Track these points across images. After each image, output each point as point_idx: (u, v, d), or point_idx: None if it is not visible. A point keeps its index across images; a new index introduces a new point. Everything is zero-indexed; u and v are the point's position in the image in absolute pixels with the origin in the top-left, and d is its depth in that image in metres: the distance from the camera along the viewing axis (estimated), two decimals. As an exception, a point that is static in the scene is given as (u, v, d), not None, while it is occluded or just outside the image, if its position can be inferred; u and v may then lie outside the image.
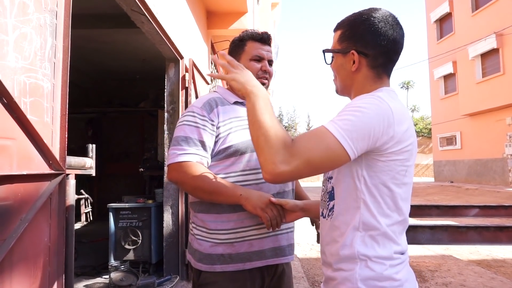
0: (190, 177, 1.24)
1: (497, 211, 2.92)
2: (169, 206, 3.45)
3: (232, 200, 1.25)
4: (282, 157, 0.87)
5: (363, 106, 0.89)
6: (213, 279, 1.29)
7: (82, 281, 3.45)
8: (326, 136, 0.87)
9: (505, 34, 13.60)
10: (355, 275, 0.92)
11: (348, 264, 0.94)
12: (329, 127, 0.87)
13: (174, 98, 3.49)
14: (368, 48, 0.98)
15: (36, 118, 1.22)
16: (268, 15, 11.06)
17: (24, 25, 1.19)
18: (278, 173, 0.87)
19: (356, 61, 0.99)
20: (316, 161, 0.87)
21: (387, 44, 0.98)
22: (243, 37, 1.45)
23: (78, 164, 2.05)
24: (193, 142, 1.28)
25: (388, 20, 0.98)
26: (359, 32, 0.98)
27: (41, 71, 1.26)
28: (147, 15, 2.55)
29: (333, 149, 0.86)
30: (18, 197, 1.15)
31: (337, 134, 0.86)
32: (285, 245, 1.36)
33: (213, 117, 1.32)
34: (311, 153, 0.86)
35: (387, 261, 0.92)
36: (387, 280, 0.91)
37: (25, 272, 1.17)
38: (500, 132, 14.55)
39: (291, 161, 0.86)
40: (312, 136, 0.89)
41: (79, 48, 4.98)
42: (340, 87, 1.07)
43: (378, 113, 0.89)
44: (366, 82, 1.01)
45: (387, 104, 0.91)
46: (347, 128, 0.86)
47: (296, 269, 3.99)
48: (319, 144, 0.87)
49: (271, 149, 0.88)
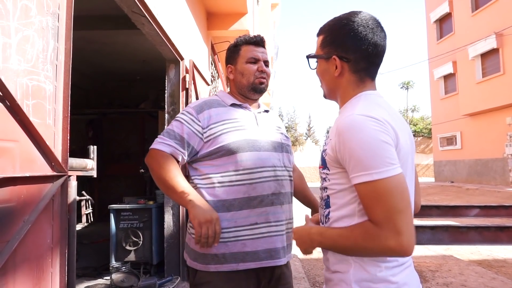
0: (158, 166, 1.34)
1: (497, 211, 2.92)
2: (170, 207, 3.46)
3: (181, 202, 1.30)
4: (386, 237, 0.84)
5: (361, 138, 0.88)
6: (208, 279, 1.31)
7: (84, 282, 3.45)
8: (382, 191, 0.85)
9: (505, 34, 13.60)
10: (350, 277, 0.92)
11: (343, 266, 0.94)
12: (376, 177, 0.84)
13: (174, 99, 3.50)
14: (349, 53, 0.98)
15: (38, 120, 1.23)
16: (268, 15, 11.07)
17: (26, 28, 1.20)
18: (401, 247, 0.83)
19: (338, 66, 0.99)
20: (407, 211, 0.84)
21: (367, 48, 0.97)
22: (237, 43, 1.51)
23: (79, 165, 2.05)
24: (174, 136, 1.36)
25: (368, 23, 0.98)
26: (339, 37, 0.99)
27: (43, 74, 1.27)
28: (147, 17, 2.56)
29: (400, 183, 0.85)
30: (21, 199, 1.16)
31: (385, 174, 0.84)
32: (279, 247, 1.36)
33: (200, 118, 1.38)
34: (401, 213, 0.84)
35: (382, 263, 0.91)
36: (382, 282, 0.90)
37: (28, 273, 1.18)
38: (500, 132, 14.55)
39: (398, 235, 0.83)
40: (379, 199, 0.86)
41: (80, 49, 4.97)
42: (327, 91, 1.08)
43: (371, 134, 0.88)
44: (349, 87, 1.01)
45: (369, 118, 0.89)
46: (385, 161, 0.85)
47: (296, 270, 3.99)
48: (389, 203, 0.84)
49: (369, 246, 0.86)
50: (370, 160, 0.85)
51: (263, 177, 1.36)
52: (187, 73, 3.53)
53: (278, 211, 1.37)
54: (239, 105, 1.48)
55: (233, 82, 1.51)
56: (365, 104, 0.95)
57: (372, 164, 0.84)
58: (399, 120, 0.98)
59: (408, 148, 0.96)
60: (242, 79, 1.47)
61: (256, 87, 1.47)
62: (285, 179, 1.43)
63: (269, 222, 1.34)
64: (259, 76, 1.46)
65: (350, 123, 0.89)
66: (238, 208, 1.32)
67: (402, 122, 1.00)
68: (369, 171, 0.84)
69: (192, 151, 1.38)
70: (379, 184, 0.84)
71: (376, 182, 0.84)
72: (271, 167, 1.38)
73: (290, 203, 1.47)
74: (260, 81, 1.46)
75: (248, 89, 1.47)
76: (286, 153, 1.49)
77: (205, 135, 1.37)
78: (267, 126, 1.49)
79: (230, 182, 1.33)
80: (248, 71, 1.46)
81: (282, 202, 1.39)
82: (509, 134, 14.16)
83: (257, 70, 1.46)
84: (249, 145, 1.36)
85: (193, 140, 1.37)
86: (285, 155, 1.49)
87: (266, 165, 1.37)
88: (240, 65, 1.47)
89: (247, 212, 1.33)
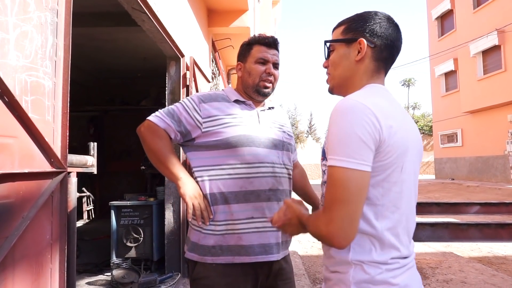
0: (151, 138, 1.37)
1: (498, 208, 2.92)
2: (171, 203, 3.46)
3: (172, 177, 1.37)
4: (321, 222, 0.87)
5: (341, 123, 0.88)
6: (206, 274, 1.32)
7: (84, 279, 3.47)
8: (337, 177, 0.85)
9: (507, 31, 13.54)
10: (349, 278, 0.91)
11: (343, 267, 0.93)
12: (339, 164, 0.85)
13: (175, 96, 3.49)
14: (375, 38, 0.99)
15: (37, 117, 1.23)
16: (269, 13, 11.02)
17: (25, 24, 1.19)
18: (329, 235, 0.86)
19: (362, 49, 0.98)
20: (349, 205, 0.84)
21: (392, 39, 1.00)
22: (251, 41, 1.51)
23: (79, 162, 2.05)
24: (172, 115, 1.40)
25: (391, 20, 1.02)
26: (367, 23, 1.00)
27: (42, 70, 1.26)
28: (148, 14, 2.55)
29: (357, 179, 0.84)
30: (20, 195, 1.16)
31: (346, 164, 0.84)
32: (273, 243, 1.36)
33: (202, 108, 1.41)
34: (342, 204, 0.84)
35: (383, 266, 0.90)
36: (382, 284, 0.89)
37: (27, 269, 1.18)
38: (501, 129, 14.51)
39: (329, 222, 0.85)
40: (330, 189, 0.87)
41: (81, 46, 4.98)
42: (338, 80, 1.04)
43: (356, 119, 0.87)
44: (365, 75, 1.00)
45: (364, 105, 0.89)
46: (352, 154, 0.85)
47: (297, 266, 4.00)
48: (338, 191, 0.85)
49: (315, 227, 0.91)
50: (337, 146, 0.86)
51: (261, 172, 1.37)
52: (187, 70, 3.53)
53: (275, 207, 1.37)
54: (243, 101, 1.48)
55: (241, 79, 1.52)
56: (366, 91, 0.96)
57: (337, 151, 0.86)
58: (402, 118, 0.95)
59: (406, 148, 0.92)
60: (248, 79, 1.47)
61: (260, 90, 1.47)
62: (284, 177, 1.44)
63: (265, 217, 1.35)
64: (264, 78, 1.46)
65: (340, 106, 0.90)
66: (235, 201, 1.34)
67: (406, 121, 0.97)
68: (336, 157, 0.86)
69: (187, 135, 1.40)
70: (337, 171, 0.85)
71: (333, 168, 0.86)
72: (270, 163, 1.39)
73: None
74: (264, 85, 1.46)
75: (253, 90, 1.47)
76: (286, 151, 1.49)
77: (204, 125, 1.38)
78: (269, 123, 1.49)
79: (228, 175, 1.35)
80: (255, 71, 1.46)
81: (279, 198, 1.40)
82: (510, 132, 14.12)
83: (264, 72, 1.46)
84: (248, 141, 1.37)
85: (189, 126, 1.39)
86: (285, 153, 1.49)
87: (265, 161, 1.38)
88: (249, 64, 1.48)
89: (243, 205, 1.34)
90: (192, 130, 1.39)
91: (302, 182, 1.68)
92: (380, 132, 0.86)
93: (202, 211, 1.32)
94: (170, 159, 1.36)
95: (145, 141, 1.39)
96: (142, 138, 1.40)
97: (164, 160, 1.36)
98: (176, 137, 1.41)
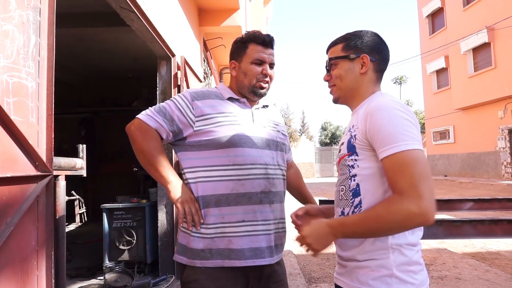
0: (141, 139, 1.32)
1: (491, 204, 2.93)
2: (163, 205, 3.42)
3: (161, 180, 1.32)
4: (408, 203, 0.92)
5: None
6: (195, 277, 1.29)
7: (77, 283, 3.41)
8: (410, 159, 0.95)
9: (496, 29, 13.68)
10: (390, 262, 1.00)
11: (381, 252, 1.01)
12: (404, 147, 0.95)
13: (166, 96, 3.45)
14: (374, 53, 1.15)
15: (20, 119, 1.19)
16: (261, 11, 10.98)
17: (5, 23, 1.15)
18: (422, 211, 0.91)
19: (366, 63, 1.14)
20: (430, 180, 0.94)
21: (386, 54, 1.18)
22: (246, 39, 1.44)
23: (68, 165, 2.01)
24: (164, 114, 1.35)
25: (379, 37, 1.19)
26: (364, 41, 1.16)
27: (24, 70, 1.22)
28: (136, 12, 2.51)
29: (423, 156, 0.95)
30: (3, 200, 1.12)
31: (411, 146, 0.96)
32: (264, 247, 1.32)
33: (194, 106, 1.36)
34: (424, 179, 0.93)
35: (414, 247, 1.03)
36: (415, 264, 1.02)
37: (12, 277, 1.14)
38: (492, 126, 14.66)
39: (419, 199, 0.91)
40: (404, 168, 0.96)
41: (70, 47, 4.91)
42: (345, 91, 1.18)
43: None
44: (370, 84, 1.16)
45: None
46: (411, 136, 0.97)
47: (292, 266, 3.98)
48: (416, 170, 0.93)
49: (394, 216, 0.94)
50: (397, 134, 0.96)
51: (253, 174, 1.33)
52: (178, 70, 3.49)
53: (266, 210, 1.34)
54: (237, 99, 1.44)
55: (235, 79, 1.47)
56: (390, 96, 1.11)
57: (399, 137, 0.96)
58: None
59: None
60: (244, 79, 1.43)
61: (256, 90, 1.43)
62: (277, 178, 1.40)
63: (256, 221, 1.32)
64: (261, 79, 1.42)
65: (382, 105, 1.03)
66: (226, 204, 1.30)
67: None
68: (396, 143, 0.95)
69: (179, 134, 1.36)
70: (405, 154, 0.94)
71: (402, 152, 0.94)
72: (263, 165, 1.35)
73: (282, 203, 1.44)
74: (261, 85, 1.42)
75: (249, 90, 1.43)
76: (280, 151, 1.46)
77: (196, 124, 1.34)
78: (264, 122, 1.45)
79: (219, 177, 1.31)
80: (251, 72, 1.41)
81: (271, 201, 1.36)
82: (501, 128, 14.28)
83: (261, 73, 1.42)
84: (241, 141, 1.33)
85: (182, 125, 1.34)
86: (279, 153, 1.45)
87: (257, 163, 1.34)
88: (244, 65, 1.42)
89: (234, 208, 1.30)
90: (184, 129, 1.35)
91: (297, 182, 1.65)
92: (417, 124, 1.02)
93: (193, 215, 1.29)
94: (160, 161, 1.32)
95: (135, 142, 1.34)
96: (132, 138, 1.35)
97: (154, 162, 1.31)
98: (168, 137, 1.36)
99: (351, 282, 1.06)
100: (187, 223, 1.30)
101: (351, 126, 1.12)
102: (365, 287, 1.02)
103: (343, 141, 1.14)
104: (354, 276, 1.06)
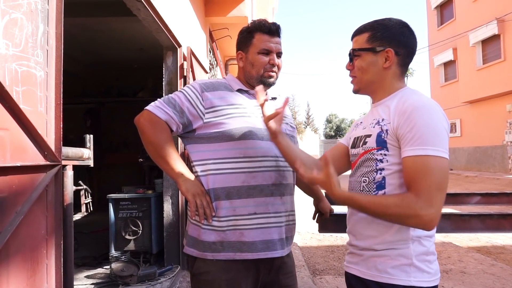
0: (151, 131, 1.30)
1: (499, 198, 2.89)
2: (169, 196, 3.44)
3: (171, 173, 1.31)
4: (420, 206, 0.96)
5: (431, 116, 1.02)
6: (206, 269, 1.29)
7: (83, 272, 3.45)
8: (437, 166, 0.97)
9: (507, 20, 13.43)
10: (411, 251, 1.04)
11: (402, 243, 1.05)
12: (432, 153, 0.97)
13: (172, 87, 3.43)
14: (400, 47, 1.12)
15: (29, 108, 1.18)
16: (267, 2, 10.87)
17: (14, 10, 1.14)
18: (428, 218, 0.96)
19: (390, 58, 1.11)
20: (445, 192, 0.98)
21: (413, 46, 1.14)
22: (251, 29, 1.42)
23: (75, 155, 2.01)
24: (174, 106, 1.32)
25: (409, 28, 1.14)
26: (392, 33, 1.12)
27: (33, 59, 1.21)
28: (143, 2, 2.48)
29: (447, 167, 0.97)
30: (13, 189, 1.12)
31: (440, 154, 0.98)
32: (276, 239, 1.32)
33: (204, 97, 1.34)
34: (441, 191, 0.97)
35: (431, 238, 1.08)
36: (431, 254, 1.07)
37: (22, 265, 1.15)
38: (500, 119, 14.50)
39: (430, 206, 0.96)
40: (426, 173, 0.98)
41: (75, 36, 4.89)
42: (366, 83, 1.16)
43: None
44: (394, 79, 1.14)
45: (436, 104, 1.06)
46: (442, 144, 0.99)
47: (297, 258, 3.99)
48: (438, 179, 0.96)
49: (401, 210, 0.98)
50: (431, 138, 0.97)
51: (264, 166, 1.32)
52: (184, 61, 3.46)
53: (278, 202, 1.34)
54: (246, 91, 1.42)
55: (242, 70, 1.45)
56: (424, 95, 1.09)
57: (431, 141, 0.97)
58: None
59: None
60: (251, 70, 1.41)
61: (264, 80, 1.41)
62: (287, 170, 1.39)
63: (268, 213, 1.31)
64: (269, 69, 1.40)
65: (424, 105, 1.02)
66: (237, 196, 1.29)
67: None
68: (428, 147, 0.97)
69: (188, 126, 1.34)
70: (432, 159, 0.96)
71: (430, 157, 0.96)
72: (273, 157, 1.34)
73: (292, 195, 1.43)
74: (269, 75, 1.40)
75: (257, 81, 1.41)
76: None
77: (206, 116, 1.32)
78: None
79: (230, 169, 1.30)
80: (259, 62, 1.39)
81: (282, 193, 1.36)
82: (509, 121, 14.11)
83: (268, 63, 1.39)
84: (252, 133, 1.31)
85: (192, 116, 1.32)
86: None
87: (268, 155, 1.33)
88: (251, 55, 1.40)
89: (246, 201, 1.29)
90: (193, 121, 1.33)
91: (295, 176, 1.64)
92: (449, 131, 1.04)
93: (204, 208, 1.28)
94: (171, 154, 1.30)
95: (144, 134, 1.32)
96: (141, 130, 1.32)
97: (165, 155, 1.30)
98: (178, 129, 1.34)
99: (368, 270, 1.08)
100: (199, 216, 1.29)
101: (380, 119, 1.09)
102: (383, 274, 1.05)
103: (370, 133, 1.11)
104: (371, 265, 1.08)
